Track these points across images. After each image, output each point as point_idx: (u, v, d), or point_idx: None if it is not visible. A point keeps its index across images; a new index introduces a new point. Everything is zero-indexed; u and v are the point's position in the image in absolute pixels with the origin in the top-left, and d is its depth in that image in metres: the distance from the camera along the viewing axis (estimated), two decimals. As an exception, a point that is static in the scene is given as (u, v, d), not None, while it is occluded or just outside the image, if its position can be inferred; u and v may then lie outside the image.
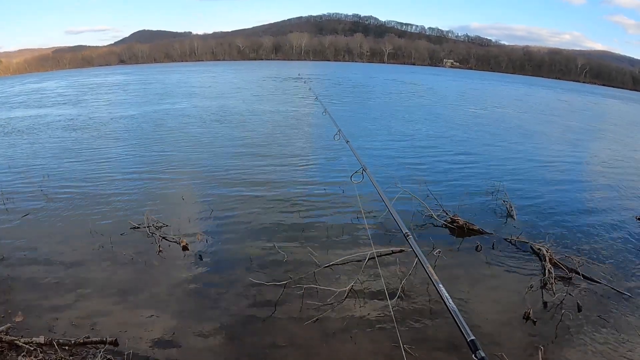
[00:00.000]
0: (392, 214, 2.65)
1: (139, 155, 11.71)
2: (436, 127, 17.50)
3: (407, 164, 11.15)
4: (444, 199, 7.89)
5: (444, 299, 1.88)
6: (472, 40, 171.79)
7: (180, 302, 4.91)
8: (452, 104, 27.49)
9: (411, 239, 2.35)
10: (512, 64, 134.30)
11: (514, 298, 5.17)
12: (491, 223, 7.35)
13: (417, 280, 5.35)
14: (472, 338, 1.72)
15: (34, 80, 58.00)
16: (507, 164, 11.76)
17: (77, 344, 3.99)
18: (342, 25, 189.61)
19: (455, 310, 1.81)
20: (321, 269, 5.56)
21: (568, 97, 45.87)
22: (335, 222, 7.22)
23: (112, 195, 8.35)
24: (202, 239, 6.44)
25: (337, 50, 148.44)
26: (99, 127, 16.39)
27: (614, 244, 6.88)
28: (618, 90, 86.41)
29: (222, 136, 14.33)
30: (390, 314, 4.68)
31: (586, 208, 8.53)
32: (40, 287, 5.16)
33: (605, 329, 4.62)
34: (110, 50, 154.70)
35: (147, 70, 73.19)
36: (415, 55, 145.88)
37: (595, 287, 5.45)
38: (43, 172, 9.93)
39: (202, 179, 9.49)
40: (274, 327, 4.47)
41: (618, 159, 13.94)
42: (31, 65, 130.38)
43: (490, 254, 6.25)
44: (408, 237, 2.39)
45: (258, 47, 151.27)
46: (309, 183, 9.26)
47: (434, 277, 2.04)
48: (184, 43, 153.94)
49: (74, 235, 6.62)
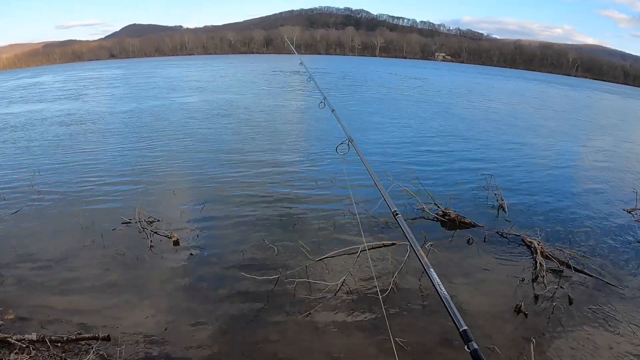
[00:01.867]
0: (380, 190, 2.56)
1: (132, 149, 11.62)
2: (428, 121, 17.51)
3: (398, 157, 11.17)
4: (435, 192, 7.92)
5: (435, 285, 1.82)
6: (463, 34, 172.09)
7: (172, 297, 4.90)
8: (447, 98, 27.51)
9: (400, 218, 2.27)
10: (503, 57, 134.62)
11: (506, 291, 5.21)
12: (483, 216, 7.39)
13: (409, 274, 5.38)
14: (464, 328, 1.67)
15: (28, 74, 57.22)
16: (499, 158, 11.81)
17: (70, 340, 3.97)
18: (334, 18, 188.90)
19: (447, 298, 1.75)
20: (313, 262, 5.57)
21: (561, 91, 46.12)
22: (327, 214, 7.26)
23: (103, 190, 8.29)
24: (193, 233, 6.43)
25: (329, 43, 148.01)
26: (96, 121, 16.29)
27: (604, 236, 6.95)
28: (610, 84, 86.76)
29: (216, 131, 14.23)
30: (382, 307, 4.70)
31: (577, 201, 8.60)
32: (32, 284, 5.12)
33: (596, 321, 4.67)
34: (101, 45, 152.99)
35: (143, 64, 72.51)
36: (407, 48, 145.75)
37: (586, 280, 5.51)
38: (34, 167, 9.83)
39: (193, 173, 9.47)
40: (265, 322, 4.48)
41: (610, 152, 14.06)
42: (21, 60, 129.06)
43: (482, 247, 6.30)
44: (397, 216, 2.31)
45: (249, 40, 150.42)
46: (300, 175, 9.25)
47: (424, 261, 1.97)
48: (174, 37, 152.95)
49: (65, 230, 6.58)
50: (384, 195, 2.54)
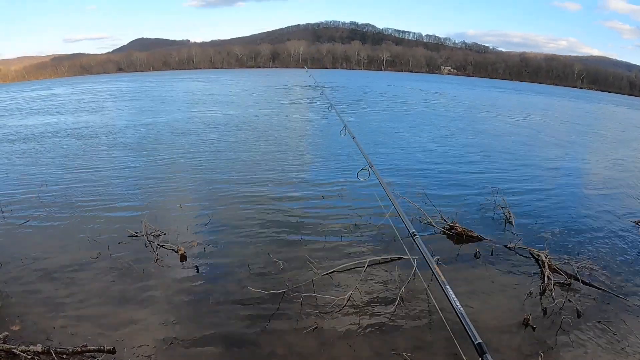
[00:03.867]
0: (398, 212, 2.61)
1: (142, 162, 11.70)
2: (434, 134, 17.56)
3: (405, 170, 11.18)
4: (442, 206, 7.90)
5: (451, 300, 1.84)
6: (469, 47, 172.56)
7: (178, 311, 4.88)
8: (452, 110, 27.57)
9: (418, 239, 2.29)
10: (509, 70, 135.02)
11: (513, 304, 5.15)
12: (490, 229, 7.35)
13: (416, 287, 5.33)
14: (479, 341, 1.69)
15: (41, 87, 58.05)
16: (506, 171, 11.76)
17: (75, 352, 3.96)
18: (340, 32, 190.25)
19: (462, 313, 1.77)
20: (319, 277, 5.54)
21: (575, 103, 46.07)
22: (334, 228, 7.22)
23: (111, 203, 8.33)
24: (199, 247, 6.43)
25: (335, 57, 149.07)
26: (111, 134, 16.37)
27: (613, 249, 6.87)
28: (616, 96, 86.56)
29: (231, 145, 14.28)
30: (389, 321, 4.68)
31: (585, 213, 8.52)
32: (38, 295, 5.13)
33: (605, 335, 4.60)
34: (109, 58, 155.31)
35: (156, 78, 73.25)
36: (412, 62, 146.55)
37: (595, 293, 5.44)
38: (42, 179, 9.90)
39: (201, 187, 9.49)
40: (272, 336, 4.45)
41: (619, 164, 13.96)
42: (29, 72, 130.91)
43: (489, 260, 6.25)
44: (415, 237, 2.33)
45: (256, 55, 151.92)
46: (308, 190, 9.25)
47: (440, 278, 2.01)
48: (182, 51, 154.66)
49: (72, 243, 6.60)
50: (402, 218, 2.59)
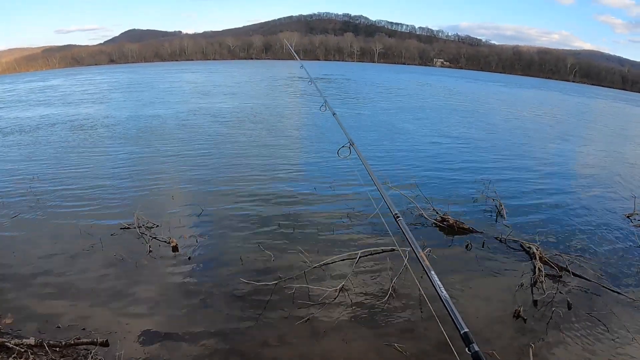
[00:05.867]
0: (380, 192, 2.57)
1: (134, 154, 11.64)
2: (427, 126, 17.58)
3: (397, 162, 11.22)
4: (434, 198, 7.94)
5: (436, 287, 1.80)
6: (462, 40, 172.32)
7: (170, 303, 4.89)
8: (443, 103, 27.62)
9: (401, 221, 2.26)
10: (502, 63, 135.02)
11: (505, 296, 5.21)
12: (481, 222, 7.40)
13: (408, 279, 5.37)
14: (465, 330, 1.66)
15: (36, 78, 57.26)
16: (498, 163, 11.84)
17: (68, 345, 3.96)
18: (333, 24, 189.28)
19: (448, 300, 1.72)
20: (311, 268, 5.56)
21: (572, 97, 46.25)
22: (326, 220, 7.26)
23: (103, 195, 8.29)
24: (192, 238, 6.42)
25: (328, 49, 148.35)
26: (108, 126, 16.30)
27: (603, 241, 6.96)
28: (608, 90, 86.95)
29: (224, 136, 14.23)
30: (381, 311, 4.72)
31: (576, 206, 8.61)
32: (30, 288, 5.12)
33: (595, 327, 4.67)
34: (100, 50, 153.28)
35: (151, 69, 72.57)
36: (405, 54, 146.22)
37: (585, 285, 5.51)
38: (34, 172, 9.84)
39: (193, 178, 9.47)
40: (264, 327, 4.47)
41: (611, 158, 14.11)
42: (21, 64, 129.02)
43: (481, 252, 6.30)
44: (398, 219, 2.29)
45: (249, 46, 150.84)
46: (298, 179, 9.28)
47: (425, 263, 1.96)
48: (174, 42, 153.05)
49: (64, 235, 6.57)
50: (384, 198, 2.54)
